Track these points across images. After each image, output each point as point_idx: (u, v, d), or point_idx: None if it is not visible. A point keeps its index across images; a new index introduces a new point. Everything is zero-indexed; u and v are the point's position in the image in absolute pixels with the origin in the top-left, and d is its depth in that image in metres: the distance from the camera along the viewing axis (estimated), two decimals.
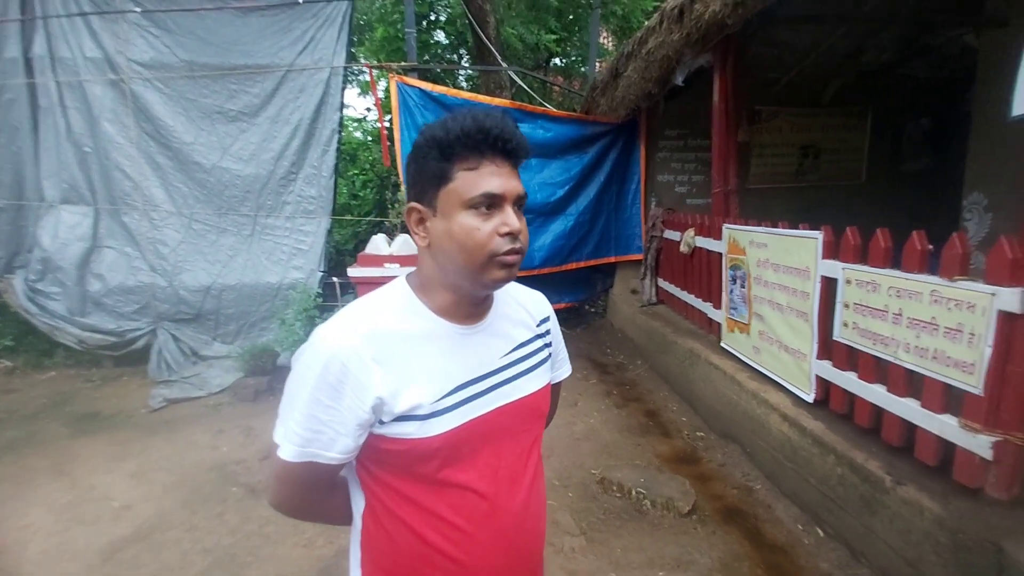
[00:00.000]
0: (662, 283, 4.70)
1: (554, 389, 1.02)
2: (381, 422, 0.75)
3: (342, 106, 4.67)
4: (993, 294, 1.69)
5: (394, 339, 0.76)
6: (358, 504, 0.85)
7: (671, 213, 4.64)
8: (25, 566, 2.12)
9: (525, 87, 5.95)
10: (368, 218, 4.81)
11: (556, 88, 8.46)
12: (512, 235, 0.75)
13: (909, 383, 2.07)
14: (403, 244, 3.65)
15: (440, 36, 9.22)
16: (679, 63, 3.73)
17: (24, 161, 4.31)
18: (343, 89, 4.67)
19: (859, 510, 2.13)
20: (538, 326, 0.95)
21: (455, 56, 9.35)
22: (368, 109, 8.10)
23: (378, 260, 3.43)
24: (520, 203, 0.78)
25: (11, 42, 4.19)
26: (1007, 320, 1.67)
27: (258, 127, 4.42)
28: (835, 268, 2.38)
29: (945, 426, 1.89)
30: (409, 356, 0.76)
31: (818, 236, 2.49)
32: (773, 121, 5.33)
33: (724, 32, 3.13)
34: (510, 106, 4.82)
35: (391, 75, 4.57)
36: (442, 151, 0.74)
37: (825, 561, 2.18)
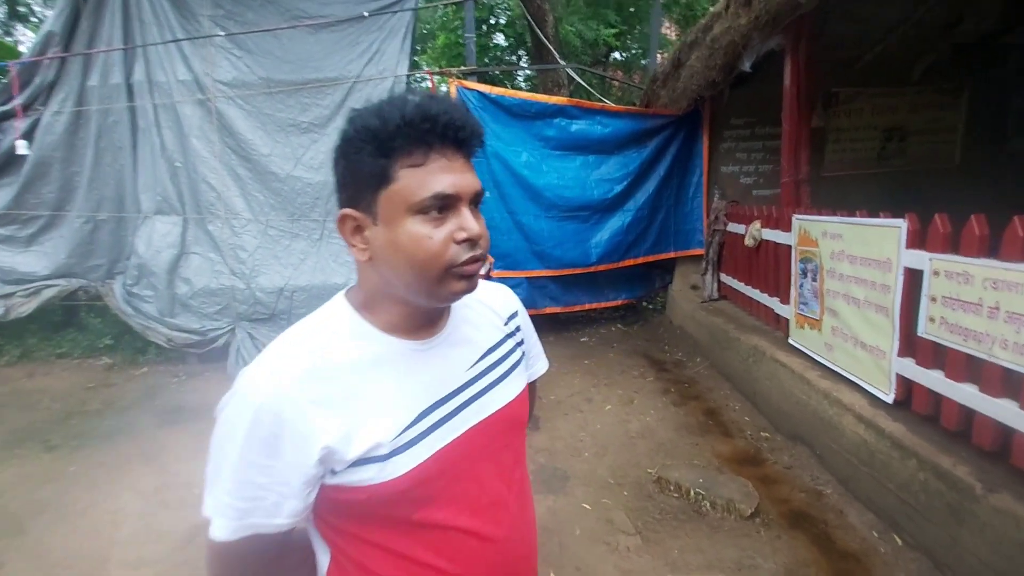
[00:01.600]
0: (725, 278, 4.50)
1: (531, 388, 0.90)
2: (333, 472, 0.62)
3: None
4: None
5: (337, 372, 0.64)
6: (322, 560, 0.71)
7: (735, 205, 4.44)
8: (115, 546, 2.33)
9: (583, 83, 5.90)
10: None
11: (615, 83, 8.33)
12: (471, 241, 0.63)
13: (1006, 383, 1.86)
14: None
15: (499, 39, 9.36)
16: (746, 48, 3.56)
17: (124, 177, 4.81)
18: None
19: (944, 518, 1.95)
20: (506, 324, 0.83)
21: (514, 57, 9.45)
22: None
23: None
24: (478, 201, 0.66)
25: (115, 69, 4.69)
26: None
27: (328, 137, 4.68)
28: (921, 259, 2.18)
29: None
30: (358, 389, 0.64)
31: (901, 224, 2.29)
32: (852, 103, 4.96)
33: (797, 12, 2.97)
34: (567, 103, 4.80)
35: (451, 80, 4.69)
36: (379, 145, 0.61)
37: (903, 571, 2.01)
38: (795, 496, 2.53)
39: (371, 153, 0.61)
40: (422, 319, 0.70)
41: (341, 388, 0.63)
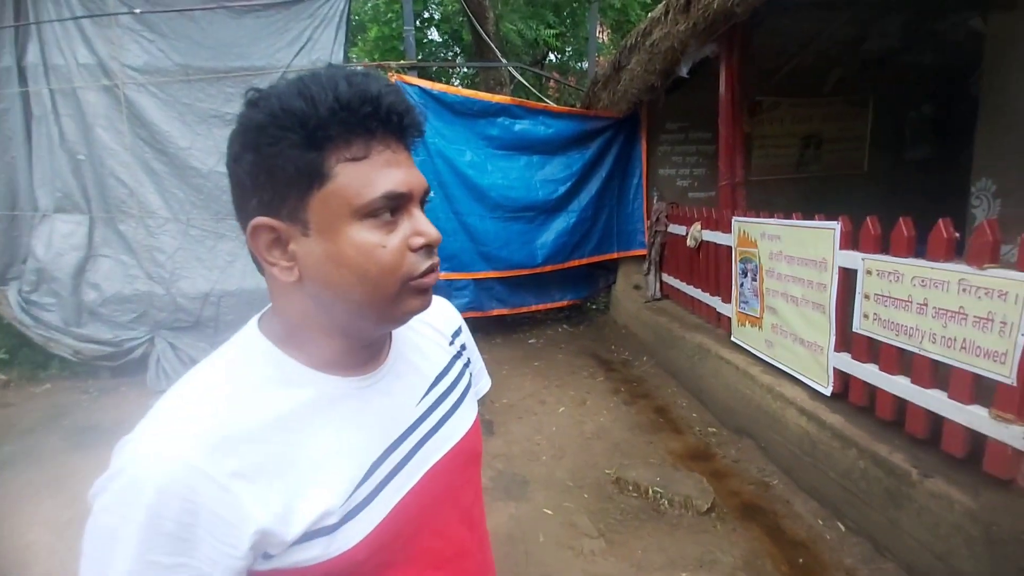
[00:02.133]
0: (667, 278, 4.65)
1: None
2: (267, 555, 0.50)
3: None
4: None
5: (261, 431, 0.50)
6: None
7: (676, 207, 4.59)
8: None
9: (525, 83, 5.89)
10: None
11: (552, 84, 8.41)
12: (429, 247, 0.53)
13: (934, 374, 2.03)
14: None
15: (434, 35, 9.18)
16: (684, 54, 3.68)
17: (17, 170, 4.23)
18: None
19: (884, 504, 2.09)
20: (451, 343, 0.73)
21: (449, 54, 9.30)
22: None
23: None
24: (425, 201, 0.56)
25: (5, 51, 4.11)
26: None
27: None
28: (854, 259, 2.33)
29: (974, 417, 1.84)
30: (292, 449, 0.51)
31: (836, 226, 2.44)
32: (774, 112, 5.30)
33: (732, 21, 3.08)
34: (511, 102, 4.76)
35: (390, 73, 4.50)
36: (308, 135, 0.48)
37: (849, 556, 2.14)
38: (745, 489, 2.63)
39: (296, 144, 0.48)
40: (364, 351, 0.58)
41: (270, 450, 0.50)
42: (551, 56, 9.64)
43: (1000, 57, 3.42)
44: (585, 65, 8.01)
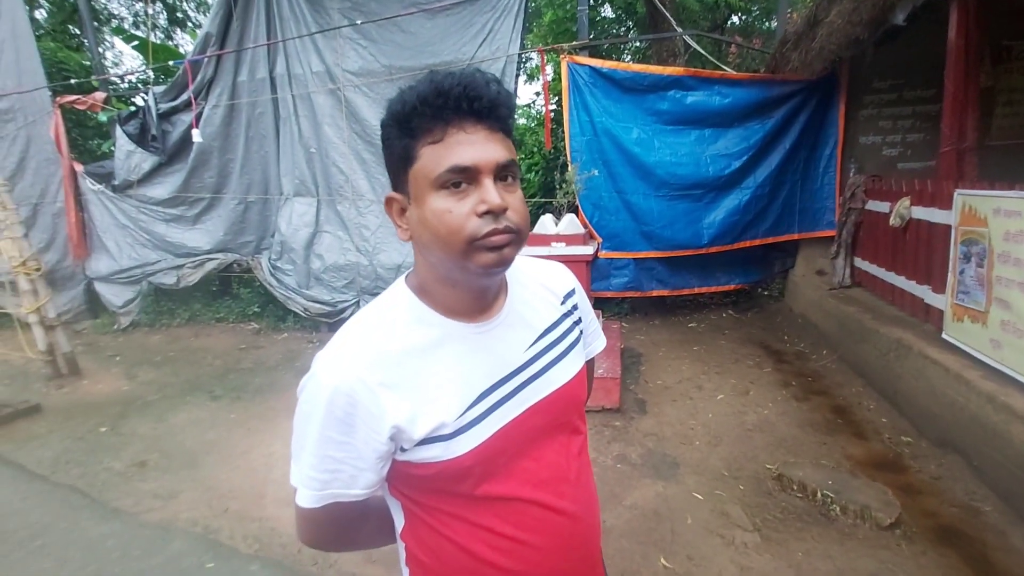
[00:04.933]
0: (860, 263, 4.05)
1: (588, 365, 0.91)
2: (403, 449, 0.67)
3: (516, 92, 4.90)
4: None
5: (402, 356, 0.67)
6: (397, 522, 0.77)
7: (876, 180, 3.95)
8: (270, 484, 2.69)
9: (700, 51, 5.53)
10: (535, 199, 5.01)
11: (732, 50, 7.71)
12: (492, 213, 0.62)
13: None
14: (569, 223, 3.72)
15: (607, 11, 9.04)
16: None
17: (269, 163, 5.39)
18: (517, 76, 4.87)
19: None
20: (563, 303, 0.83)
21: (622, 30, 9.09)
22: (537, 94, 8.34)
23: (545, 239, 3.55)
24: (508, 172, 0.65)
25: (260, 65, 5.23)
26: None
27: None
28: None
29: None
30: (422, 372, 0.67)
31: None
32: None
33: None
34: (683, 73, 4.53)
35: (562, 56, 4.63)
36: (402, 128, 0.64)
37: None
38: (945, 510, 2.25)
39: (396, 136, 0.64)
40: (476, 301, 0.71)
41: (406, 372, 0.66)
42: (733, 19, 8.81)
43: None
44: (774, 24, 7.17)
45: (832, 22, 3.69)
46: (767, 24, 8.80)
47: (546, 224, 3.66)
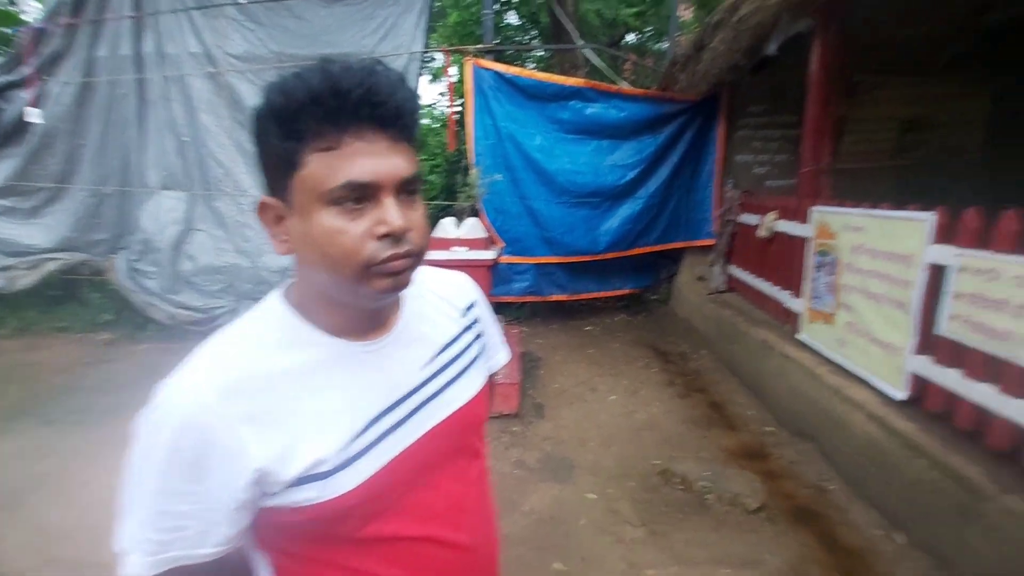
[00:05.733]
0: (734, 270, 4.45)
1: (491, 381, 0.85)
2: (269, 494, 0.56)
3: (418, 92, 4.78)
4: None
5: (271, 382, 0.56)
6: None
7: (749, 196, 4.37)
8: (115, 523, 2.37)
9: (600, 65, 5.78)
10: (436, 202, 4.92)
11: (628, 66, 8.16)
12: (393, 236, 0.55)
13: None
14: (471, 227, 3.69)
15: (511, 18, 9.18)
16: (775, 29, 3.46)
17: (131, 150, 4.77)
18: (419, 75, 4.75)
19: (952, 518, 1.93)
20: (464, 315, 0.77)
21: (526, 38, 9.28)
22: (441, 94, 8.26)
23: (446, 243, 3.49)
24: (410, 188, 0.57)
25: (124, 40, 4.63)
26: None
27: None
28: (946, 254, 2.13)
29: None
30: (296, 401, 0.57)
31: (929, 218, 2.24)
32: (874, 93, 4.84)
33: None
34: (584, 85, 4.70)
35: (466, 58, 4.59)
36: (284, 127, 0.53)
37: (906, 570, 2.00)
38: (800, 492, 2.51)
39: (276, 135, 0.54)
40: (367, 318, 0.63)
41: (276, 400, 0.56)
42: (630, 37, 9.35)
43: None
44: (666, 45, 7.71)
45: (715, 48, 4.02)
46: (658, 45, 9.45)
47: (447, 227, 3.60)
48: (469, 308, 0.79)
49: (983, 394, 1.96)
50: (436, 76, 9.11)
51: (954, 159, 5.06)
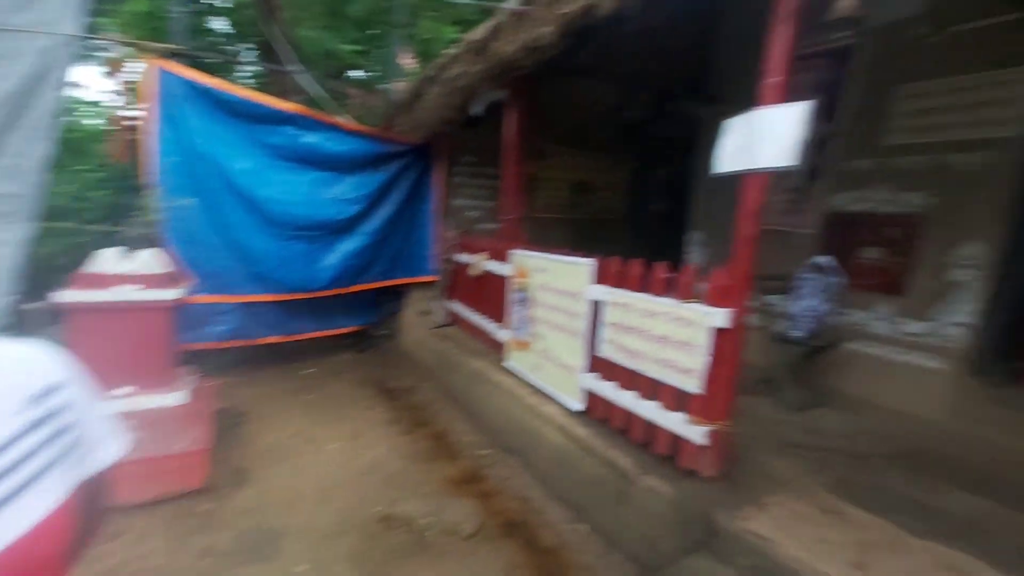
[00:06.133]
0: (454, 305, 4.78)
1: (88, 490, 0.63)
2: None
3: (67, 85, 3.70)
4: (708, 313, 2.06)
5: None
6: None
7: (464, 237, 4.77)
8: None
9: (318, 95, 5.55)
10: (95, 227, 3.85)
11: (354, 99, 8.16)
12: None
13: (653, 389, 2.40)
14: (149, 260, 2.97)
15: (222, 24, 8.18)
16: (478, 93, 3.89)
17: None
18: (71, 64, 3.69)
19: (614, 502, 2.38)
20: (32, 406, 0.57)
21: (238, 50, 8.37)
22: (118, 93, 6.70)
23: (105, 280, 2.72)
24: None
25: None
26: (717, 333, 2.05)
27: None
28: (601, 292, 2.67)
29: (675, 422, 2.23)
30: None
31: (589, 263, 2.77)
32: (553, 158, 5.95)
33: (519, 72, 3.35)
34: (299, 112, 4.42)
35: (151, 58, 3.79)
36: None
37: (587, 554, 2.37)
38: (509, 506, 2.75)
39: None
40: None
41: None
42: (356, 72, 9.39)
43: (708, 138, 4.38)
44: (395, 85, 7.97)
45: (431, 100, 4.31)
46: (386, 85, 9.72)
47: (107, 260, 2.83)
48: (44, 395, 0.58)
49: (627, 399, 2.51)
50: (111, 71, 7.38)
51: (611, 215, 6.60)
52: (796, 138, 1.76)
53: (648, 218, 6.81)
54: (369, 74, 9.52)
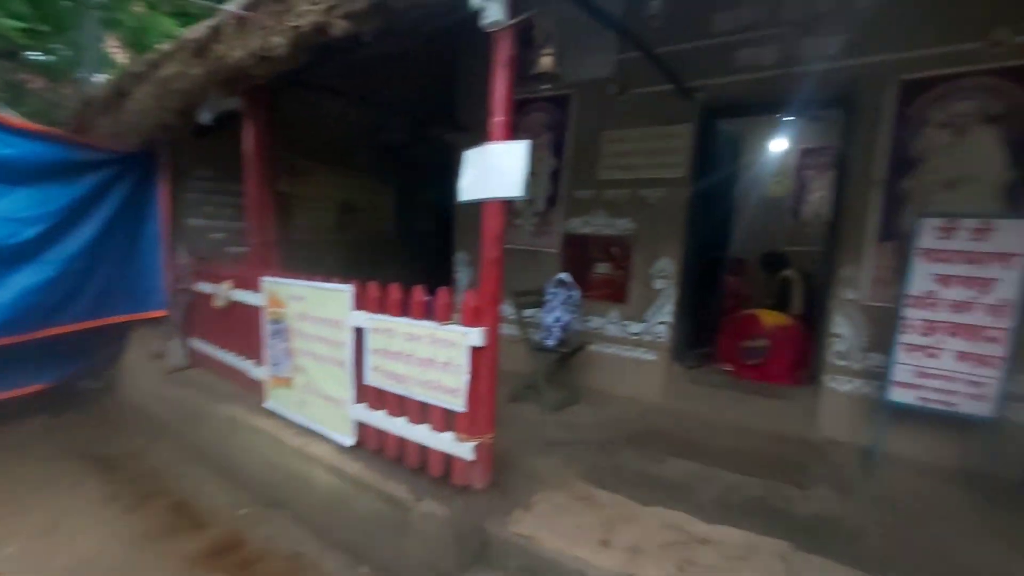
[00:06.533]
0: (196, 343, 4.07)
1: None
2: None
3: None
4: (466, 333, 2.16)
5: None
6: None
7: (203, 263, 4.10)
8: None
9: None
10: None
11: (33, 90, 6.33)
12: None
13: (422, 412, 2.42)
14: None
15: None
16: (204, 99, 3.39)
17: None
18: None
19: (394, 535, 2.31)
20: None
21: None
22: None
23: None
24: None
25: None
26: (475, 352, 2.17)
27: None
28: (363, 318, 2.57)
29: (445, 441, 2.28)
30: None
31: (348, 289, 2.64)
32: (311, 176, 5.59)
33: (254, 81, 3.02)
34: None
35: None
36: None
37: None
38: (277, 568, 2.43)
39: None
40: None
41: None
42: (35, 54, 7.27)
43: (461, 164, 4.68)
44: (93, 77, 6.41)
45: (143, 101, 3.58)
46: (85, 75, 7.78)
47: None
48: None
49: (399, 426, 2.47)
50: None
51: (382, 236, 6.50)
52: (521, 171, 1.99)
53: (419, 239, 6.93)
54: (59, 59, 7.53)
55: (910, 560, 2.06)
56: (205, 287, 3.87)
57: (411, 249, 6.72)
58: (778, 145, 6.29)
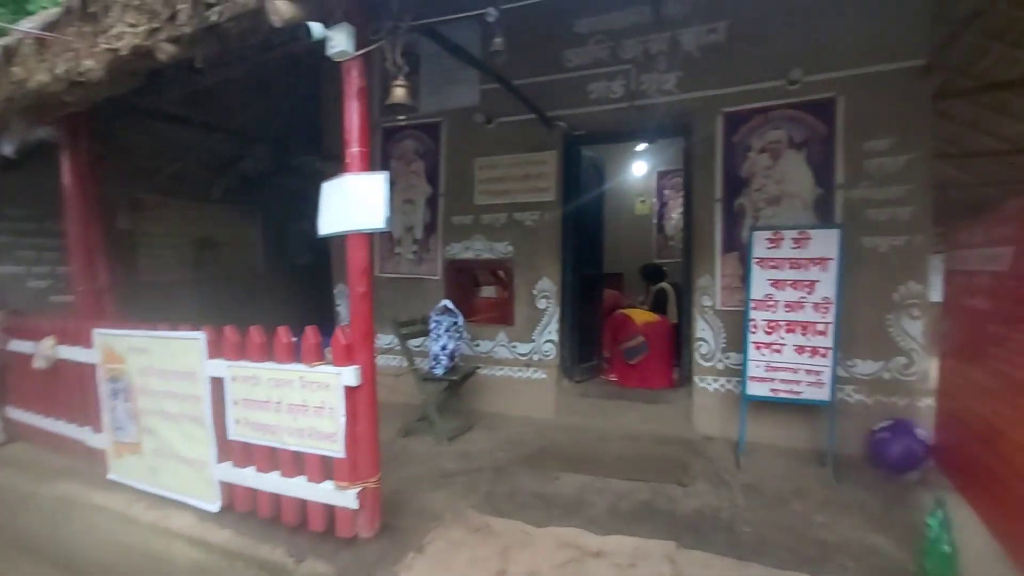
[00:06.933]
0: (14, 412, 3.39)
1: None
2: None
3: None
4: (339, 374, 2.03)
5: None
6: None
7: (18, 317, 3.46)
8: None
9: None
10: None
11: None
12: None
13: (297, 463, 2.22)
14: None
15: None
16: (7, 130, 2.91)
17: None
18: None
19: None
20: None
21: None
22: None
23: None
24: None
25: None
26: (350, 392, 2.04)
27: None
28: (221, 367, 2.32)
29: (325, 492, 2.11)
30: None
31: (201, 336, 2.37)
32: (160, 210, 5.01)
33: (68, 108, 2.64)
34: None
35: None
36: None
37: None
38: None
39: None
40: None
41: None
42: None
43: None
44: None
45: None
46: None
47: None
48: None
49: (272, 482, 2.24)
50: None
51: (246, 273, 5.96)
52: (381, 203, 1.95)
53: (294, 273, 6.48)
54: None
55: (779, 543, 2.27)
56: (23, 345, 3.25)
57: (286, 285, 6.26)
58: (638, 168, 6.87)
